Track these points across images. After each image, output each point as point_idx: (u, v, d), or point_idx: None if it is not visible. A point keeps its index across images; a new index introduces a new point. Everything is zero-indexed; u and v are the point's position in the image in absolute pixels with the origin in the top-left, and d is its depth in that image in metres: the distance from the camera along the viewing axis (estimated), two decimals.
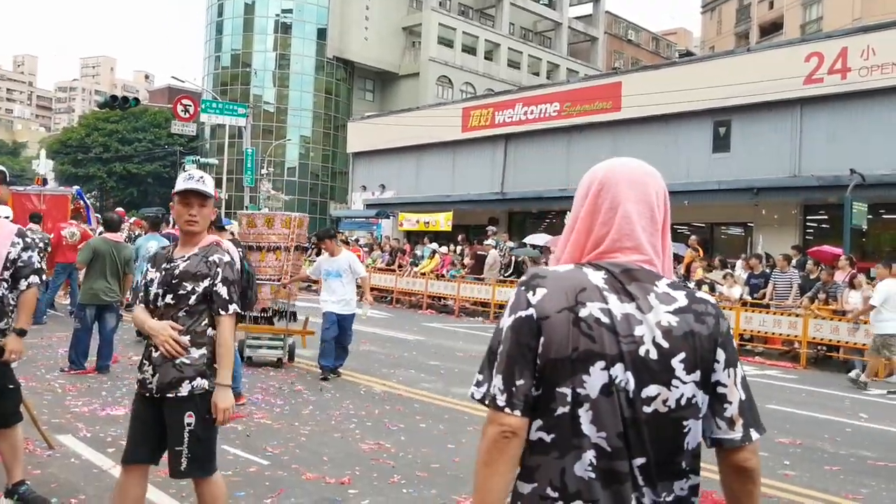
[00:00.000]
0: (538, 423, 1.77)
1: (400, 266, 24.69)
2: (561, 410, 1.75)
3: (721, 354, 1.82)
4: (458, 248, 25.00)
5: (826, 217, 23.00)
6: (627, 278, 1.82)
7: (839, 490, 6.34)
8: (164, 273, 3.88)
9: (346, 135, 45.30)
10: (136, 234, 18.78)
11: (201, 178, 3.89)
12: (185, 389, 3.78)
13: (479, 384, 1.82)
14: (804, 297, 15.19)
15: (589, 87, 29.33)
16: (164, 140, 61.19)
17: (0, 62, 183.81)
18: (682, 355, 1.77)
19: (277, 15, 58.70)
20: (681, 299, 1.82)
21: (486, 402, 1.78)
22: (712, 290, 16.75)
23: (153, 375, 3.82)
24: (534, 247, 23.29)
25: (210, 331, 3.92)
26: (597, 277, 1.81)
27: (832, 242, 19.35)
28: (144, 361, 3.90)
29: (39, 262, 4.88)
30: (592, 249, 1.89)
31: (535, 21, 66.09)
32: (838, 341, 14.33)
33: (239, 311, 4.00)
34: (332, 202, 55.04)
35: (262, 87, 59.16)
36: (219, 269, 3.90)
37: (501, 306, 20.84)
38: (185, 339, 3.83)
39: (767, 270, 16.95)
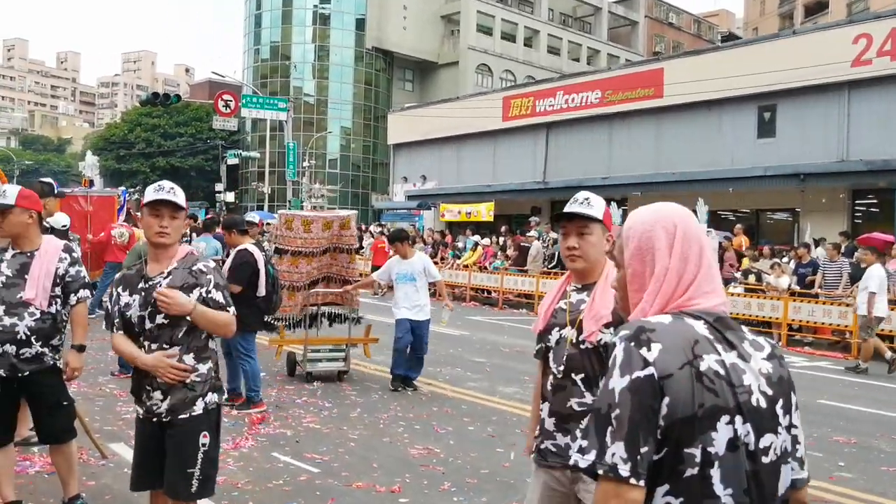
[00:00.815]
0: (664, 487, 1.69)
1: (442, 259, 24.69)
2: (690, 472, 1.67)
3: (794, 397, 1.86)
4: (501, 240, 24.92)
5: (875, 202, 22.58)
6: (723, 326, 1.80)
7: None
8: (143, 294, 3.70)
9: (387, 126, 45.41)
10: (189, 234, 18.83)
11: (172, 189, 3.75)
12: (199, 407, 3.69)
13: (583, 451, 1.70)
14: (854, 286, 14.87)
15: (630, 74, 29.01)
16: (206, 134, 61.63)
17: (44, 59, 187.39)
18: (781, 401, 1.79)
19: (315, 6, 58.79)
20: (766, 345, 1.86)
21: (603, 473, 1.66)
22: (759, 279, 16.53)
23: (163, 400, 3.67)
24: None
25: (211, 342, 3.83)
26: (700, 327, 1.78)
27: (882, 228, 18.98)
28: (147, 388, 3.71)
29: (87, 276, 4.94)
30: (679, 297, 1.85)
31: (575, 6, 65.52)
32: (891, 331, 14.04)
33: (236, 313, 3.87)
34: (374, 193, 55.17)
35: (302, 80, 59.38)
36: (209, 277, 3.77)
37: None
38: (190, 356, 3.71)
39: (817, 259, 16.66)
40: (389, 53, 58.49)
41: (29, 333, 4.56)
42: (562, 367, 3.17)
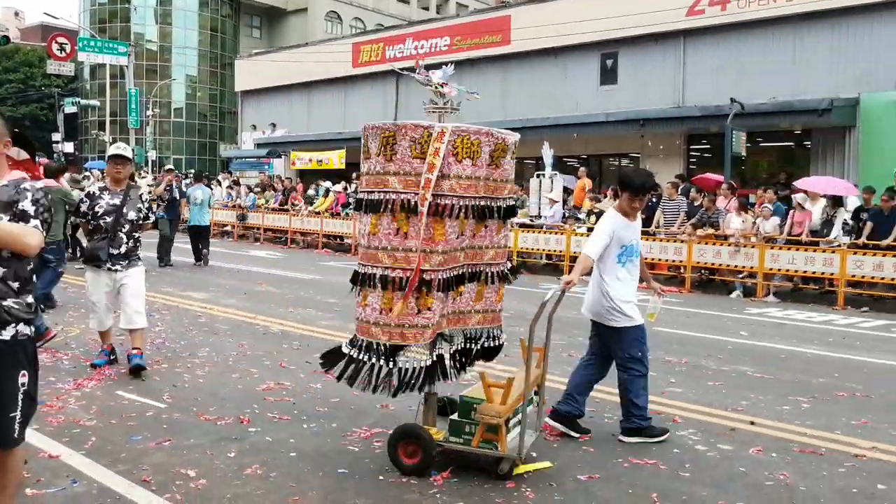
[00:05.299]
0: None
1: (293, 205, 24.36)
2: None
3: None
4: (353, 186, 24.78)
5: (708, 146, 23.78)
6: None
7: (722, 403, 6.68)
8: None
9: (234, 73, 44.14)
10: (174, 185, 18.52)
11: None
12: (7, 333, 3.39)
13: None
14: (688, 223, 15.72)
15: (478, 21, 29.26)
16: (40, 81, 58.23)
17: None
18: None
19: None
20: None
21: None
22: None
23: None
24: None
25: (34, 277, 3.58)
26: None
27: (714, 170, 20.07)
28: None
29: None
30: None
31: None
32: (720, 265, 15.01)
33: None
34: (222, 143, 53.71)
35: (144, 25, 56.88)
36: (31, 194, 3.43)
37: None
38: (16, 284, 3.43)
39: (654, 199, 17.41)
40: None
41: None
42: None
